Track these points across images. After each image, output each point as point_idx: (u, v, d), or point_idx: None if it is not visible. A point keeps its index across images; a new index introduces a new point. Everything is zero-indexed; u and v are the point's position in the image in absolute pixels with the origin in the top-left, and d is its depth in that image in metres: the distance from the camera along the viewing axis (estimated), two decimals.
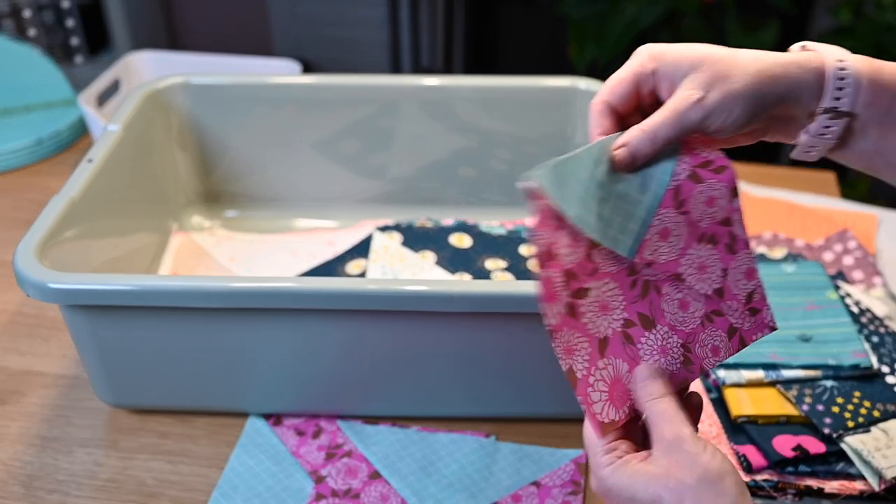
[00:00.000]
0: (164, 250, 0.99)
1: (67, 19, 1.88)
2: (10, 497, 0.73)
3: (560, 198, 0.54)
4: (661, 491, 0.49)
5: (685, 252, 0.56)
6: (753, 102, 0.52)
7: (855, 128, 0.53)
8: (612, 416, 0.54)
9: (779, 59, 0.53)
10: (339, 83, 1.00)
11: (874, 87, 0.52)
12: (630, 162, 0.53)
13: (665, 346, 0.56)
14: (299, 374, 0.76)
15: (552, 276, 0.54)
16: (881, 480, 0.69)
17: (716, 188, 0.56)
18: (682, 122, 0.52)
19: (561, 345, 0.54)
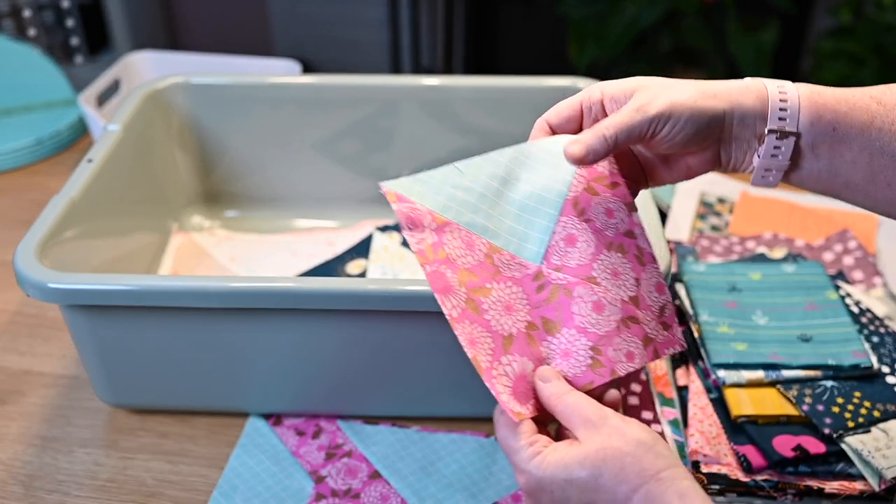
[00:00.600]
0: (164, 250, 0.99)
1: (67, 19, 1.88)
2: (10, 497, 0.73)
3: (443, 208, 0.57)
4: (599, 462, 0.49)
5: (596, 257, 0.57)
6: (698, 114, 0.54)
7: (803, 147, 0.55)
8: (517, 409, 0.54)
9: (720, 83, 0.56)
10: (339, 83, 1.00)
11: (815, 106, 0.54)
12: (583, 157, 0.55)
13: (569, 349, 0.56)
14: (299, 374, 0.76)
15: (440, 271, 0.55)
16: (881, 480, 0.69)
17: (612, 202, 0.58)
18: (631, 126, 0.54)
19: (463, 335, 0.55)
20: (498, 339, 0.55)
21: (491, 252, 0.57)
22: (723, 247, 0.99)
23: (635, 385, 0.82)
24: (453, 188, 0.57)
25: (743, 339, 0.80)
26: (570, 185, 0.58)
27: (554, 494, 0.51)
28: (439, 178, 0.58)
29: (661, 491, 0.48)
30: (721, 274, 0.89)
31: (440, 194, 0.57)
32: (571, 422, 0.52)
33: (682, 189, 1.10)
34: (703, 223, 1.05)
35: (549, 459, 0.51)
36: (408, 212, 0.56)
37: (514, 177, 0.58)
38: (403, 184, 0.57)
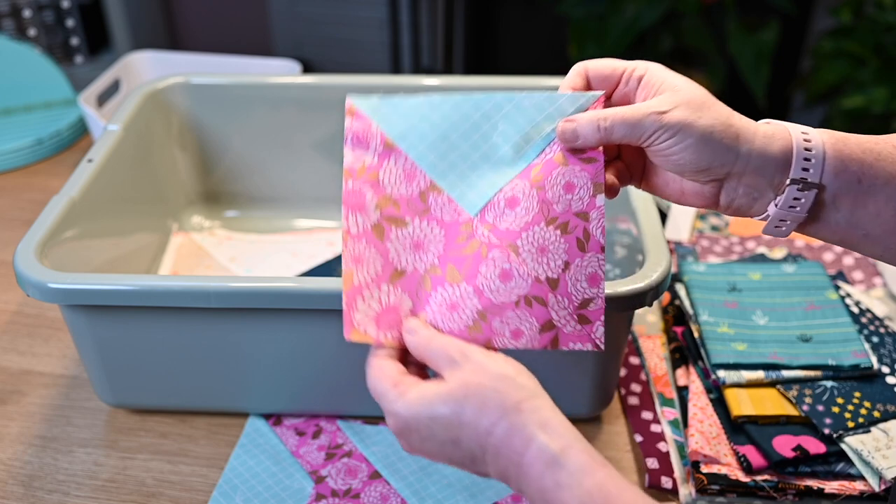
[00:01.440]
0: (164, 250, 0.99)
1: (67, 19, 1.88)
2: (10, 497, 0.73)
3: (400, 135, 0.56)
4: (461, 399, 0.49)
5: (529, 227, 0.55)
6: (710, 144, 0.52)
7: (825, 200, 0.52)
8: (370, 331, 0.55)
9: (749, 122, 0.53)
10: (339, 83, 0.99)
11: (840, 157, 0.52)
12: (572, 139, 0.54)
13: (457, 303, 0.55)
14: (299, 374, 0.76)
15: (361, 191, 0.55)
16: (881, 481, 0.69)
17: (578, 175, 0.55)
18: (635, 126, 0.53)
19: (351, 252, 0.55)
20: (389, 268, 0.55)
21: (429, 190, 0.56)
22: (723, 247, 0.99)
23: (635, 385, 0.82)
24: (420, 119, 0.56)
25: (743, 339, 0.80)
26: (542, 150, 0.56)
27: (421, 433, 0.51)
28: (410, 105, 0.57)
29: (522, 422, 0.48)
30: (721, 274, 0.89)
31: (404, 121, 0.56)
32: (438, 364, 0.52)
33: None
34: (703, 223, 1.05)
35: (412, 398, 0.51)
36: (358, 130, 0.56)
37: (491, 124, 0.56)
38: (370, 102, 0.57)
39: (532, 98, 0.56)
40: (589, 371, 0.73)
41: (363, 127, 0.57)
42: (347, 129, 0.56)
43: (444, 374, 0.51)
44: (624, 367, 0.84)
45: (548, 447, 0.47)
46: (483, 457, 0.50)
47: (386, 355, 0.55)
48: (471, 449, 0.50)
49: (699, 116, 0.52)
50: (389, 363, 0.54)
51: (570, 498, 0.46)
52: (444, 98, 0.56)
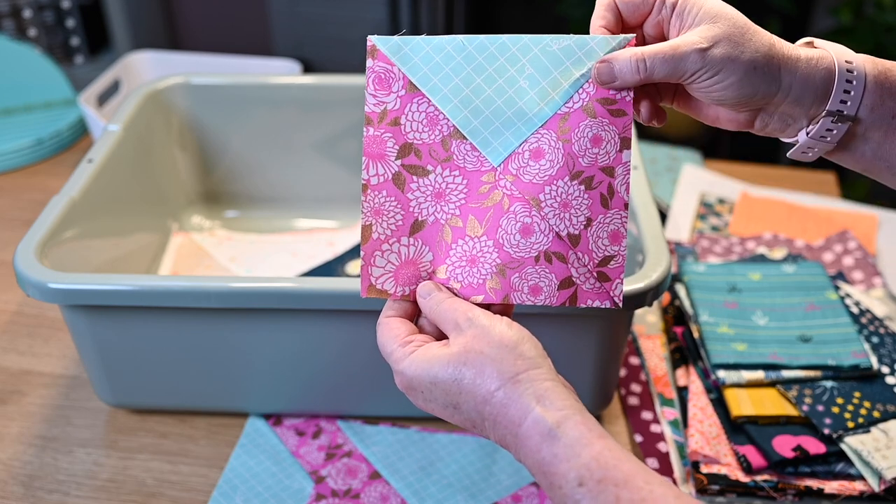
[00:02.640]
0: (164, 250, 0.99)
1: (67, 19, 1.88)
2: (10, 497, 0.73)
3: (423, 78, 0.54)
4: (460, 365, 0.49)
5: (553, 181, 0.54)
6: (752, 80, 0.50)
7: (857, 131, 0.52)
8: (387, 286, 0.54)
9: (791, 49, 0.51)
10: (339, 83, 0.99)
11: (880, 90, 0.51)
12: (609, 79, 0.52)
13: (476, 257, 0.54)
14: (299, 374, 0.76)
15: (382, 138, 0.55)
16: (881, 481, 0.69)
17: (606, 129, 0.54)
18: (677, 65, 0.50)
19: (371, 204, 0.54)
20: (409, 219, 0.55)
21: (452, 136, 0.55)
22: (723, 247, 0.99)
23: (635, 385, 0.82)
24: (444, 60, 0.54)
25: (743, 339, 0.80)
26: (570, 98, 0.54)
27: (424, 394, 0.51)
28: (434, 45, 0.55)
29: (518, 392, 0.48)
30: (721, 274, 0.89)
31: (427, 62, 0.55)
32: (445, 327, 0.52)
33: (682, 189, 1.10)
34: (703, 223, 1.05)
35: (416, 359, 0.51)
36: (380, 72, 0.55)
37: (518, 68, 0.54)
38: (392, 43, 0.55)
39: (560, 41, 0.54)
40: (589, 371, 0.73)
41: (385, 69, 0.55)
42: (369, 70, 0.55)
43: (450, 339, 0.51)
44: (624, 367, 0.84)
45: (544, 419, 0.47)
46: (482, 423, 0.49)
47: (396, 313, 0.54)
48: (470, 415, 0.50)
49: (742, 51, 0.50)
50: (398, 322, 0.54)
51: (567, 470, 0.45)
52: (468, 39, 0.54)
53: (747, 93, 0.51)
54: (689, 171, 1.14)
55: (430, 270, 0.55)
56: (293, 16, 2.28)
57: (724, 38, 0.50)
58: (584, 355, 0.72)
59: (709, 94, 0.52)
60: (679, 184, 1.11)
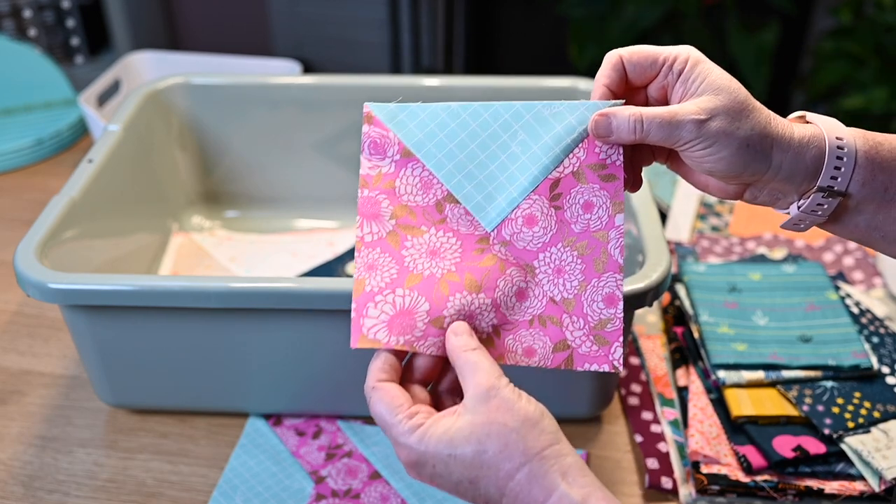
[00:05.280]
0: (164, 250, 0.99)
1: (68, 19, 1.88)
2: (10, 497, 0.73)
3: (417, 144, 0.55)
4: (483, 438, 0.48)
5: (547, 248, 0.54)
6: (744, 156, 0.51)
7: (849, 205, 0.52)
8: (380, 336, 0.53)
9: (785, 128, 0.52)
10: (339, 83, 0.99)
11: (871, 165, 0.51)
12: (605, 133, 0.53)
13: (474, 312, 0.53)
14: (299, 374, 0.76)
15: (377, 199, 0.54)
16: (881, 481, 0.69)
17: (598, 194, 0.54)
18: (673, 132, 0.51)
19: (365, 260, 0.54)
20: (404, 273, 0.54)
21: (446, 200, 0.55)
22: (723, 247, 0.99)
23: (635, 385, 0.82)
24: (438, 127, 0.55)
25: (743, 339, 0.80)
26: (560, 162, 0.54)
27: (436, 468, 0.50)
28: (428, 113, 0.55)
29: (544, 470, 0.48)
30: (721, 274, 0.89)
31: (421, 129, 0.55)
32: (466, 382, 0.51)
33: (682, 189, 1.10)
34: (703, 223, 1.05)
35: (431, 433, 0.49)
36: (376, 137, 0.55)
37: (510, 134, 0.55)
38: (388, 109, 0.56)
39: (552, 107, 0.54)
40: (589, 371, 0.73)
41: (380, 134, 0.55)
42: (365, 135, 0.55)
43: (468, 401, 0.50)
44: (624, 367, 0.84)
45: (569, 496, 0.47)
46: (499, 499, 0.49)
47: (390, 377, 0.53)
48: (488, 491, 0.49)
49: (738, 127, 0.50)
50: (397, 390, 0.52)
51: None
52: (462, 106, 0.55)
53: (738, 168, 0.51)
54: None
55: (426, 320, 0.53)
56: (293, 16, 2.28)
57: (722, 112, 0.50)
58: None
59: (700, 163, 0.52)
60: (679, 184, 1.11)
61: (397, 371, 0.53)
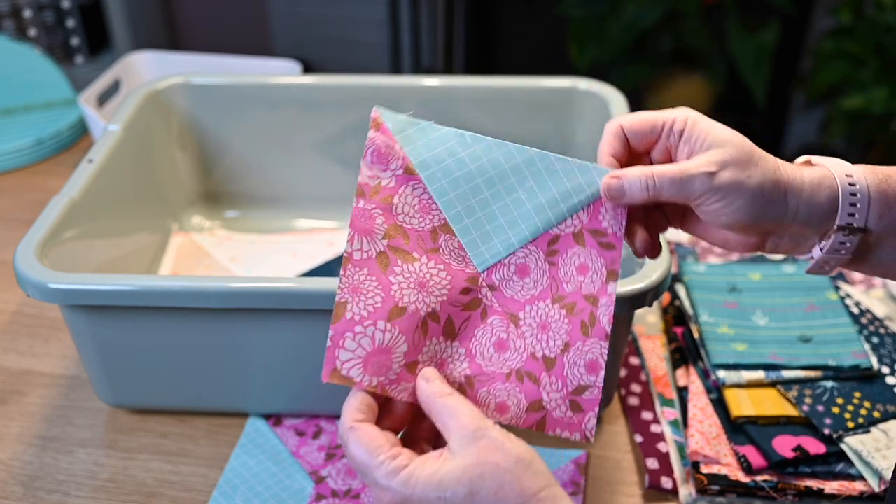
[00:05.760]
0: (164, 250, 0.99)
1: (68, 19, 1.88)
2: (10, 497, 0.73)
3: (423, 164, 0.53)
4: (476, 479, 0.47)
5: (535, 301, 0.53)
6: (760, 204, 0.51)
7: (870, 241, 0.52)
8: (353, 374, 0.50)
9: (795, 172, 0.52)
10: (339, 83, 0.99)
11: (884, 198, 0.51)
12: (618, 195, 0.52)
13: (446, 360, 0.52)
14: (299, 374, 0.76)
15: (372, 213, 0.52)
16: (881, 481, 0.69)
17: (594, 259, 0.53)
18: (685, 186, 0.51)
19: (350, 279, 0.51)
20: (389, 303, 0.51)
21: (442, 229, 0.53)
22: None
23: (635, 385, 0.82)
24: (447, 152, 0.53)
25: (743, 339, 0.80)
26: (563, 220, 0.53)
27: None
28: (439, 136, 0.53)
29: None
30: (721, 274, 0.89)
31: (430, 149, 0.53)
32: (448, 426, 0.49)
33: None
34: None
35: (418, 475, 0.48)
36: (381, 145, 0.53)
37: (519, 178, 0.53)
38: (397, 120, 0.54)
39: (565, 162, 0.54)
40: None
41: (386, 144, 0.53)
42: (370, 141, 0.53)
43: (454, 445, 0.49)
44: (624, 368, 0.84)
45: None
46: None
47: (367, 418, 0.51)
48: None
49: (749, 175, 0.50)
50: (375, 431, 0.50)
51: None
52: (475, 138, 0.54)
53: (756, 216, 0.51)
54: None
55: (402, 363, 0.51)
56: (293, 16, 2.28)
57: (732, 163, 0.50)
58: None
59: (718, 217, 0.52)
60: None
61: (374, 412, 0.52)
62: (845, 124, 1.99)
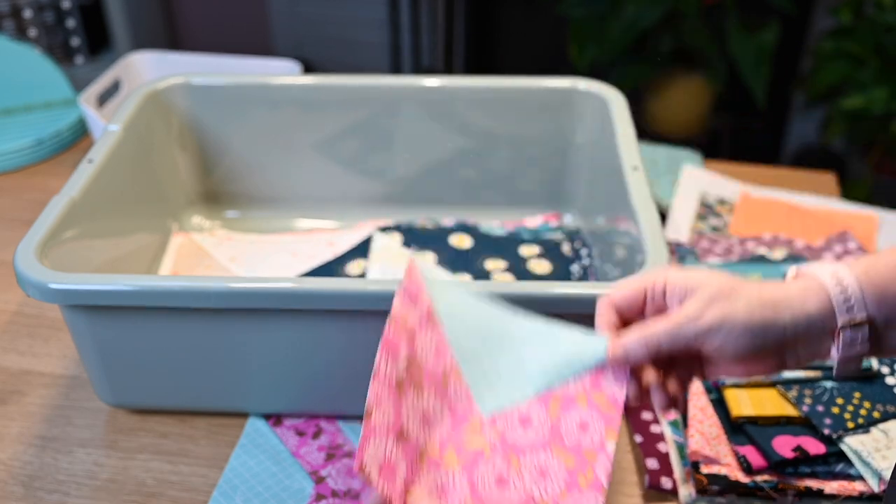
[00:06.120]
0: (164, 250, 0.99)
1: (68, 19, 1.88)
2: (10, 497, 0.73)
3: (444, 313, 0.58)
4: None
5: (535, 450, 0.56)
6: (755, 327, 0.53)
7: (878, 327, 0.53)
8: (373, 475, 0.53)
9: (780, 288, 0.54)
10: (339, 83, 1.00)
11: (874, 287, 0.53)
12: (623, 361, 0.55)
13: (446, 487, 0.55)
14: (299, 374, 0.76)
15: (398, 343, 0.56)
16: (881, 481, 0.69)
17: (594, 420, 0.56)
18: (679, 333, 0.53)
19: (375, 390, 0.55)
20: (397, 425, 0.55)
21: (451, 373, 0.58)
22: (723, 248, 0.99)
23: None
24: (465, 308, 0.58)
25: None
26: (567, 382, 0.57)
27: None
28: (461, 292, 0.59)
29: None
30: None
31: (451, 303, 0.58)
32: None
33: (683, 189, 1.10)
34: (703, 224, 1.05)
35: None
36: (412, 289, 0.58)
37: (528, 341, 0.58)
38: (429, 270, 0.59)
39: (572, 332, 0.57)
40: None
41: (416, 287, 0.58)
42: (402, 282, 0.58)
43: None
44: None
45: None
46: None
47: None
48: None
49: (733, 305, 0.53)
50: None
51: None
52: (493, 301, 0.59)
53: (756, 340, 0.53)
54: (689, 172, 1.14)
55: (402, 484, 0.55)
56: (293, 16, 2.28)
57: (714, 299, 0.53)
58: None
59: (724, 353, 0.54)
60: (679, 184, 1.11)
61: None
62: (845, 124, 1.99)
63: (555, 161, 1.02)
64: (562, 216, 1.04)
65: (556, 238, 0.99)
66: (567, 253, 0.97)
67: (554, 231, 1.01)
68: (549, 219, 1.03)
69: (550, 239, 0.99)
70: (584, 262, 0.95)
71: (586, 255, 0.96)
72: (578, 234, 1.00)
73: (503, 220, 1.04)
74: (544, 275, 0.93)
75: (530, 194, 1.05)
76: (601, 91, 0.95)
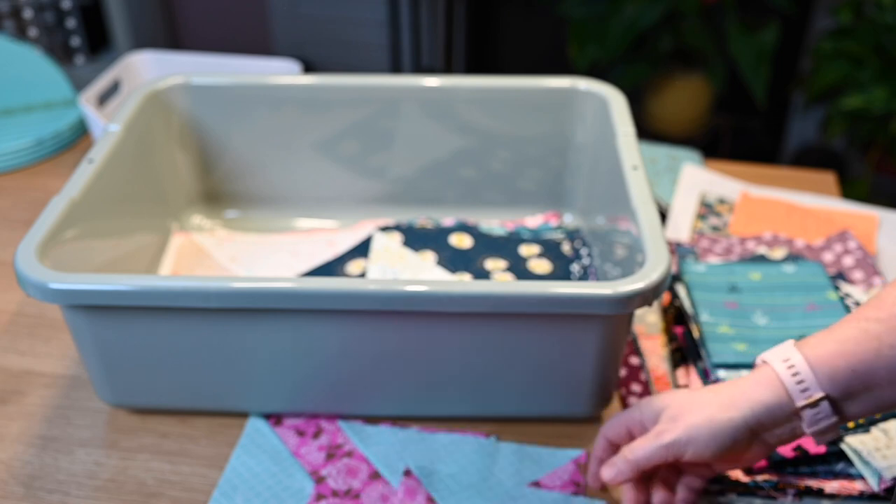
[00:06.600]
0: (164, 250, 0.99)
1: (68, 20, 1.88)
2: (10, 497, 0.73)
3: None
4: None
5: None
6: (720, 432, 0.58)
7: (838, 399, 0.57)
8: None
9: (734, 386, 0.59)
10: (339, 83, 1.00)
11: (823, 365, 0.57)
12: (617, 478, 0.62)
13: None
14: (299, 374, 0.76)
15: None
16: (881, 481, 0.69)
17: None
18: (658, 447, 0.60)
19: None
20: None
21: None
22: (723, 247, 0.99)
23: (635, 385, 0.82)
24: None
25: (743, 339, 0.80)
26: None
27: None
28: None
29: None
30: (721, 274, 0.89)
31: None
32: None
33: (682, 189, 1.10)
34: (703, 223, 1.05)
35: None
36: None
37: None
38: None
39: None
40: (589, 371, 0.73)
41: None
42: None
43: None
44: (624, 367, 0.84)
45: None
46: None
47: None
48: None
49: (691, 412, 0.59)
50: None
51: None
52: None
53: (727, 439, 0.59)
54: (689, 171, 1.14)
55: None
56: (293, 16, 2.28)
57: (675, 416, 0.60)
58: (584, 355, 0.72)
59: (703, 457, 0.60)
60: (679, 184, 1.11)
61: None
62: (845, 124, 1.99)
63: (555, 161, 1.02)
64: (562, 216, 1.04)
65: (556, 237, 0.99)
66: (567, 252, 0.97)
67: (554, 230, 1.01)
68: (549, 218, 1.03)
69: (550, 238, 0.99)
70: (584, 261, 0.95)
71: (586, 255, 0.96)
72: (578, 233, 1.00)
73: (503, 219, 1.04)
74: (544, 274, 0.93)
75: (530, 194, 1.05)
76: (601, 91, 0.95)
